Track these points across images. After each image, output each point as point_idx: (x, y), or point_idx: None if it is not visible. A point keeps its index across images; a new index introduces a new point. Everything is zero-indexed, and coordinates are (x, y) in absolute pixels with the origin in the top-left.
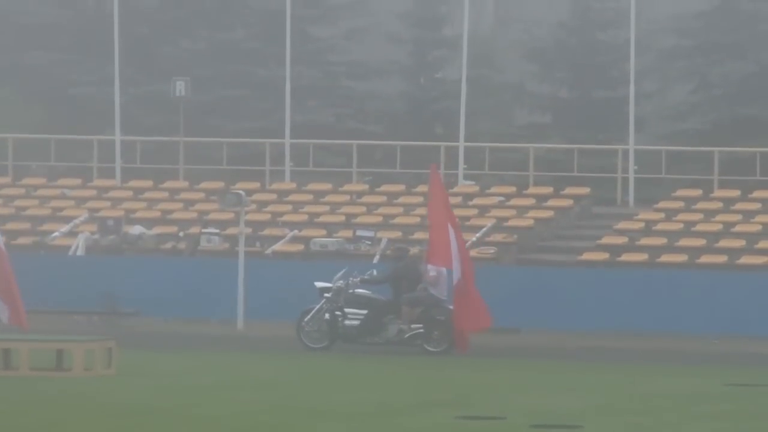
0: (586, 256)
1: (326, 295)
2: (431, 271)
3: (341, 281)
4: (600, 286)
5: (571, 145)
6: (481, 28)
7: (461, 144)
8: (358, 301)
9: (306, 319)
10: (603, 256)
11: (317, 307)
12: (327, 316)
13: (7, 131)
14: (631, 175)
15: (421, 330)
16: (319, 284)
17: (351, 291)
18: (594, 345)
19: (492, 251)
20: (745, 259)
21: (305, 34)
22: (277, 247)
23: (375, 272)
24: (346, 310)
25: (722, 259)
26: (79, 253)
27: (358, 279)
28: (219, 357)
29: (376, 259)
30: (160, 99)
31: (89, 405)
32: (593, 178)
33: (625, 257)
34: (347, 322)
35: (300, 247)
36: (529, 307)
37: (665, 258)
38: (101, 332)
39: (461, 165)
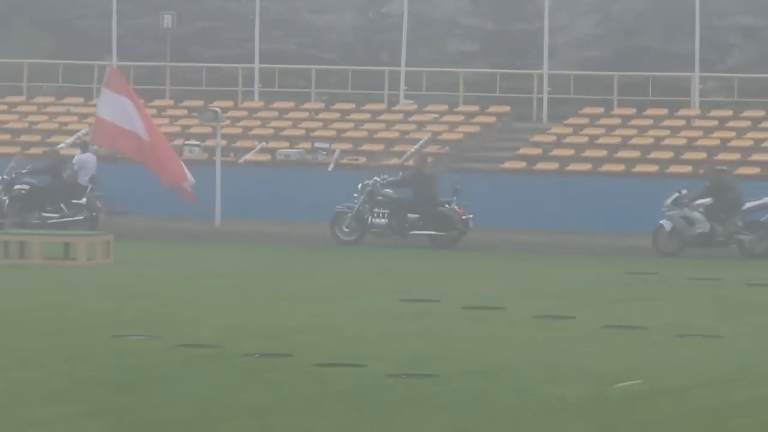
0: (507, 164)
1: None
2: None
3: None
4: (519, 190)
5: (495, 70)
6: None
7: (402, 69)
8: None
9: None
10: (521, 164)
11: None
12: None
13: (22, 57)
14: (545, 96)
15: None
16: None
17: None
18: (513, 239)
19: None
20: (639, 168)
21: None
22: (248, 157)
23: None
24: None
25: (620, 167)
26: None
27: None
28: (199, 249)
29: (330, 168)
30: (151, 30)
31: (91, 289)
32: (513, 98)
33: (540, 166)
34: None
35: (267, 157)
36: None
37: (573, 166)
38: (101, 228)
39: (402, 87)
